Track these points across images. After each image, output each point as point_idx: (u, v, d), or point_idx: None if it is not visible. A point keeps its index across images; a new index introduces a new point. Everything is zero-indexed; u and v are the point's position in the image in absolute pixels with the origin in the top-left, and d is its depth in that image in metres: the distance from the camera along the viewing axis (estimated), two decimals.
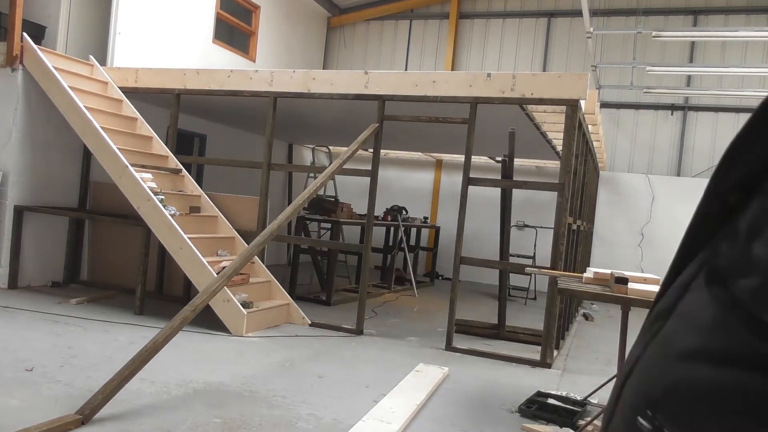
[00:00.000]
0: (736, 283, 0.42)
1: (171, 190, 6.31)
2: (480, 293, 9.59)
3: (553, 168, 10.23)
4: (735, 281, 0.42)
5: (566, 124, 5.35)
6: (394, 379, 4.32)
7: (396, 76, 6.04)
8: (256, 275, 6.17)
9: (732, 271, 0.43)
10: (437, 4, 12.14)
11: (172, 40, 8.39)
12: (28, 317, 5.21)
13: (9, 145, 6.30)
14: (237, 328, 5.32)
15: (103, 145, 5.92)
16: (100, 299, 6.26)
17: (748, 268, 0.41)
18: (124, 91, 6.90)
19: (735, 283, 0.42)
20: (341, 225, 8.38)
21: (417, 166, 12.03)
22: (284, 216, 4.84)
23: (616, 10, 10.71)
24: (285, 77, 6.32)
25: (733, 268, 0.43)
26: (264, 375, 4.27)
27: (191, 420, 3.27)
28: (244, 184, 9.08)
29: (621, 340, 3.52)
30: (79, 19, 7.42)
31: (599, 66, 9.69)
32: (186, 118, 8.05)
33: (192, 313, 3.87)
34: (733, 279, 0.42)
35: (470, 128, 5.56)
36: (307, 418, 3.47)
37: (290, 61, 11.32)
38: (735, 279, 0.42)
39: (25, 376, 3.73)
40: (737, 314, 0.40)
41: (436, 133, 7.79)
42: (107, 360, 4.17)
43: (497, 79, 5.50)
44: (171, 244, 5.62)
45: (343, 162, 5.50)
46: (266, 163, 6.36)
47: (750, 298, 0.39)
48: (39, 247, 6.60)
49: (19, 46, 6.26)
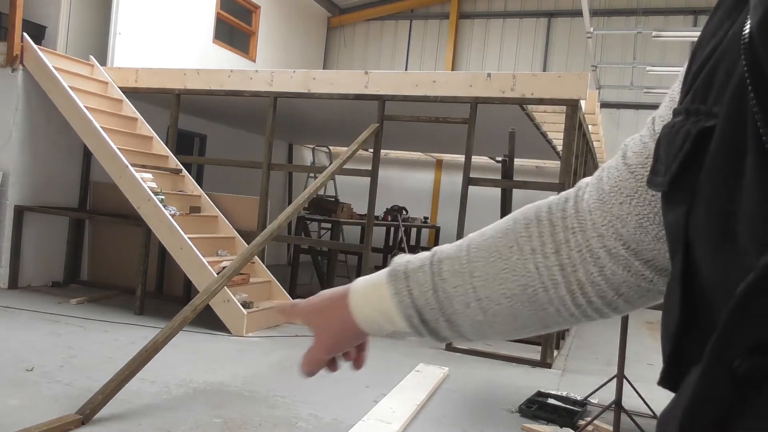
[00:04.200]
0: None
1: (171, 190, 6.31)
2: None
3: (554, 168, 10.22)
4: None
5: (566, 124, 5.35)
6: (394, 379, 4.32)
7: (396, 76, 6.04)
8: (256, 275, 6.17)
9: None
10: (437, 4, 12.14)
11: (172, 40, 8.39)
12: (28, 317, 5.21)
13: (9, 145, 6.30)
14: (237, 328, 5.32)
15: (103, 145, 5.92)
16: (100, 299, 6.26)
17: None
18: (124, 91, 6.90)
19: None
20: (341, 225, 8.38)
21: (417, 166, 12.03)
22: (284, 216, 4.84)
23: (616, 10, 10.72)
24: (285, 77, 6.32)
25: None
26: (264, 375, 4.27)
27: (191, 420, 3.27)
28: (244, 184, 9.08)
29: (621, 340, 3.52)
30: (79, 19, 7.42)
31: (599, 66, 9.69)
32: (186, 118, 8.04)
33: (192, 313, 3.87)
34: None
35: (470, 128, 5.56)
36: (307, 418, 3.47)
37: (290, 61, 11.32)
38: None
39: (25, 376, 3.73)
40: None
41: (436, 133, 7.79)
42: (107, 360, 4.17)
43: (497, 79, 5.50)
44: (171, 244, 5.62)
45: (343, 162, 5.50)
46: (266, 163, 6.36)
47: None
48: (39, 247, 6.60)
49: (20, 46, 6.26)
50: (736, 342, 0.31)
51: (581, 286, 0.60)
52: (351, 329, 0.73)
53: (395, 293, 0.68)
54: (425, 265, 0.68)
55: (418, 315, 0.67)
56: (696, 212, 0.39)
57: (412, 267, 0.68)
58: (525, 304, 0.63)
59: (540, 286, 0.61)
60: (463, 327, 0.66)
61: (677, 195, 0.42)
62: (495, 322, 0.65)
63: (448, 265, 0.66)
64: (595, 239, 0.59)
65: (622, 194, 0.57)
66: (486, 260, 0.64)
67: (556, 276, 0.61)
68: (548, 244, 0.62)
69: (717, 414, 0.33)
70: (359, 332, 0.73)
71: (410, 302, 0.67)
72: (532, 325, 0.65)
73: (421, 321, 0.68)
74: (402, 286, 0.68)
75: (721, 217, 0.36)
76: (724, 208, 0.36)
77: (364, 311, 0.71)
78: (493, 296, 0.63)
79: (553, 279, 0.61)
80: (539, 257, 0.62)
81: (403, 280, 0.68)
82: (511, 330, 0.66)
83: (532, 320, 0.64)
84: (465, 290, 0.64)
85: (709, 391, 0.33)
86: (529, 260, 0.62)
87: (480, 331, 0.67)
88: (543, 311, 0.63)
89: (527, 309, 0.63)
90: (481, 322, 0.65)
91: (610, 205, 0.58)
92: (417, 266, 0.68)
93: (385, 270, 0.71)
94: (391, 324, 0.70)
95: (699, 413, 0.34)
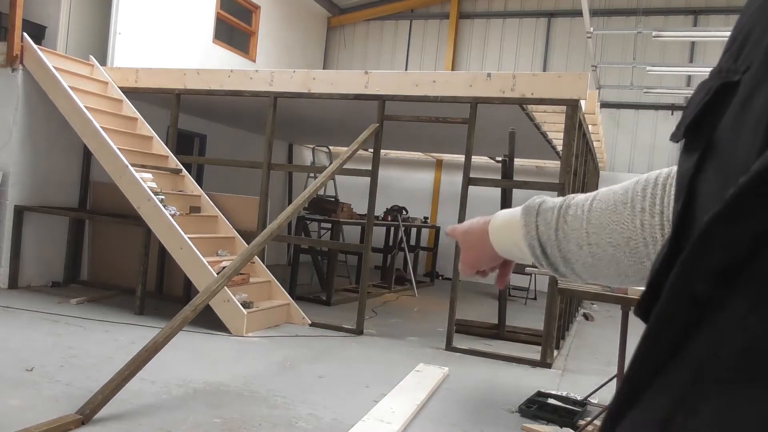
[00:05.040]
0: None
1: (171, 190, 6.31)
2: (480, 293, 9.59)
3: (553, 168, 10.22)
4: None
5: (566, 124, 5.35)
6: (394, 379, 4.32)
7: (396, 76, 6.04)
8: (256, 275, 6.17)
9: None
10: (437, 4, 12.14)
11: (172, 40, 8.39)
12: (29, 317, 5.21)
13: (9, 145, 6.30)
14: (237, 328, 5.32)
15: (103, 145, 5.92)
16: (100, 299, 6.26)
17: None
18: (124, 91, 6.90)
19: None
20: (341, 225, 8.38)
21: (417, 166, 12.03)
22: (284, 216, 4.84)
23: (616, 10, 10.71)
24: (285, 77, 6.32)
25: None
26: (264, 375, 4.27)
27: (191, 420, 3.27)
28: (244, 184, 9.08)
29: (621, 340, 3.52)
30: (79, 19, 7.42)
31: (599, 66, 9.69)
32: (186, 118, 8.05)
33: (192, 313, 3.87)
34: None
35: (470, 128, 5.56)
36: (307, 418, 3.47)
37: (290, 61, 11.32)
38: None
39: (25, 376, 3.73)
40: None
41: (436, 133, 7.79)
42: (107, 360, 4.17)
43: (497, 79, 5.50)
44: (171, 244, 5.62)
45: (343, 162, 5.50)
46: (266, 163, 6.36)
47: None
48: (39, 247, 6.60)
49: (20, 46, 6.26)
50: (700, 267, 0.33)
51: None
52: (489, 252, 0.86)
53: (525, 225, 0.80)
54: (555, 207, 0.78)
55: (540, 247, 0.78)
56: (706, 164, 0.40)
57: (545, 207, 0.79)
58: (627, 255, 0.71)
59: (641, 241, 0.69)
60: (576, 265, 0.77)
61: (692, 144, 0.43)
62: (601, 266, 0.74)
63: (573, 210, 0.76)
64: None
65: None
66: (603, 211, 0.73)
67: (656, 234, 0.69)
68: (656, 206, 0.69)
69: (676, 333, 0.35)
70: (496, 255, 0.86)
71: (535, 235, 0.79)
72: (633, 275, 0.73)
73: (542, 253, 0.79)
74: (531, 220, 0.79)
75: (725, 171, 0.37)
76: (730, 161, 0.37)
77: (500, 238, 0.84)
78: (601, 243, 0.72)
79: (654, 237, 0.69)
80: (647, 215, 0.69)
81: (534, 216, 0.80)
82: (614, 276, 0.75)
83: (633, 270, 0.72)
84: (580, 234, 0.74)
85: (671, 312, 0.35)
86: (637, 217, 0.70)
87: (590, 272, 0.77)
88: (641, 264, 0.70)
89: (628, 259, 0.71)
90: (590, 264, 0.75)
91: None
92: (549, 206, 0.79)
93: (522, 206, 0.82)
94: (519, 251, 0.82)
95: (659, 333, 0.36)
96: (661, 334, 0.36)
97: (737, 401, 0.30)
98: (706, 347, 0.33)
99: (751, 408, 0.29)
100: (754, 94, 0.36)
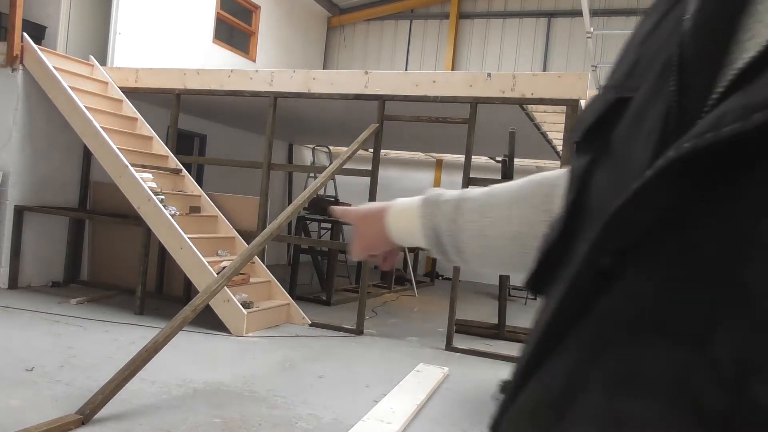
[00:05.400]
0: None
1: (171, 190, 6.31)
2: (480, 293, 9.59)
3: (553, 168, 10.20)
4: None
5: (566, 124, 5.35)
6: (394, 379, 4.32)
7: (396, 76, 6.04)
8: (256, 275, 6.17)
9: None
10: (437, 4, 12.14)
11: (172, 40, 8.39)
12: (28, 317, 5.21)
13: (9, 145, 6.30)
14: (237, 328, 5.32)
15: (103, 145, 5.92)
16: (100, 299, 6.26)
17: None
18: (124, 91, 6.90)
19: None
20: (341, 225, 8.38)
21: (417, 166, 12.03)
22: (284, 216, 4.84)
23: (616, 10, 10.71)
24: (285, 77, 6.32)
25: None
26: (264, 375, 4.27)
27: (191, 420, 3.27)
28: (244, 184, 9.08)
29: None
30: (79, 19, 7.42)
31: (599, 66, 9.69)
32: (186, 118, 8.04)
33: (192, 313, 3.87)
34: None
35: (470, 128, 5.56)
36: (307, 418, 3.47)
37: (290, 61, 11.32)
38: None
39: (25, 376, 3.73)
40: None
41: (436, 133, 7.79)
42: (107, 360, 4.17)
43: (497, 79, 5.50)
44: (171, 244, 5.62)
45: (343, 162, 5.50)
46: (266, 163, 6.36)
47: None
48: (39, 247, 6.60)
49: (20, 46, 6.26)
50: (606, 245, 0.39)
51: None
52: (385, 237, 0.90)
53: (423, 215, 0.84)
54: (454, 199, 0.83)
55: (436, 237, 0.83)
56: (600, 163, 0.48)
57: (443, 199, 0.84)
58: (517, 248, 0.77)
59: (532, 236, 0.74)
60: (467, 255, 0.82)
61: (587, 146, 0.50)
62: (491, 256, 0.80)
63: (470, 204, 0.81)
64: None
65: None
66: (498, 206, 0.79)
67: (544, 230, 0.72)
68: (546, 203, 0.74)
69: (583, 298, 0.41)
70: (389, 241, 0.90)
71: (433, 225, 0.83)
72: (519, 265, 0.78)
73: (437, 242, 0.83)
74: (430, 211, 0.84)
75: (619, 170, 0.44)
76: (624, 163, 0.44)
77: (398, 225, 0.87)
78: (494, 235, 0.78)
79: (542, 232, 0.72)
80: (537, 212, 0.75)
81: (433, 207, 0.84)
82: (501, 265, 0.82)
83: (519, 261, 0.78)
84: (475, 226, 0.79)
85: (578, 284, 0.41)
86: (529, 213, 0.76)
87: (480, 261, 0.83)
88: (527, 256, 0.75)
89: (517, 251, 0.77)
90: (481, 254, 0.81)
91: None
92: (447, 198, 0.83)
93: (421, 196, 0.86)
94: (415, 239, 0.86)
95: (567, 305, 0.42)
96: (572, 299, 0.41)
97: (637, 349, 0.37)
98: (608, 307, 0.40)
99: (649, 352, 0.36)
100: (646, 109, 0.43)
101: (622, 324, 0.38)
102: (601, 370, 0.39)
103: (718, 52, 0.38)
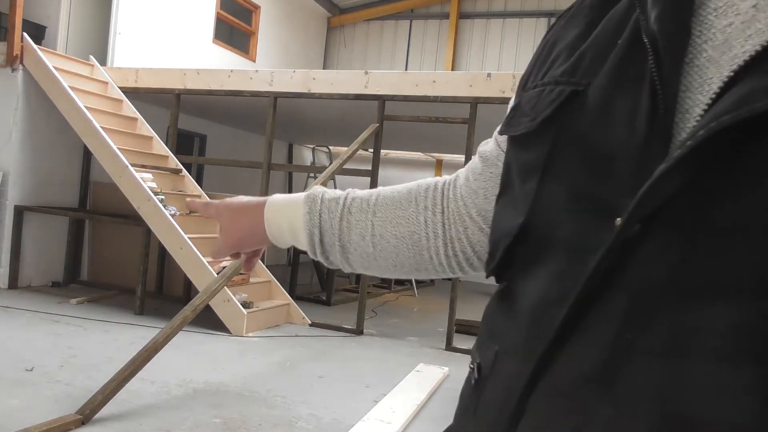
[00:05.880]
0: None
1: (171, 190, 6.31)
2: (480, 293, 9.59)
3: None
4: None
5: None
6: (394, 379, 4.32)
7: (396, 76, 6.04)
8: (256, 275, 6.17)
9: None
10: (437, 4, 12.14)
11: (172, 40, 8.39)
12: (29, 317, 5.21)
13: (9, 145, 6.30)
14: (237, 328, 5.32)
15: (103, 145, 5.92)
16: (100, 299, 6.26)
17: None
18: (124, 91, 6.90)
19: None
20: None
21: (417, 166, 12.03)
22: None
23: None
24: (285, 77, 6.32)
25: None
26: (264, 375, 4.27)
27: (191, 420, 3.27)
28: (244, 184, 9.08)
29: None
30: (79, 19, 7.42)
31: None
32: (186, 118, 8.04)
33: (192, 313, 3.87)
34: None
35: (470, 128, 5.56)
36: (307, 418, 3.47)
37: (290, 61, 11.32)
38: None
39: (25, 376, 3.73)
40: None
41: (436, 133, 7.79)
42: (107, 360, 4.17)
43: (497, 79, 5.50)
44: (171, 244, 5.62)
45: (343, 162, 5.50)
46: (266, 163, 6.36)
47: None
48: (39, 247, 6.60)
49: (19, 46, 6.26)
50: (641, 212, 0.42)
51: (452, 241, 0.77)
52: (258, 234, 0.85)
53: (308, 212, 0.81)
54: (340, 198, 0.81)
55: (320, 235, 0.81)
56: (562, 150, 0.51)
57: (328, 197, 0.82)
58: (409, 246, 0.78)
59: (424, 235, 0.77)
60: (352, 255, 0.81)
61: (543, 135, 0.53)
62: (379, 257, 0.80)
63: (357, 203, 0.81)
64: (462, 207, 0.77)
65: (476, 173, 0.76)
66: (388, 206, 0.79)
67: (438, 229, 0.78)
68: (438, 206, 0.78)
69: (604, 276, 0.44)
70: (263, 239, 0.85)
71: (318, 223, 0.81)
72: (408, 265, 0.80)
73: (320, 241, 0.81)
74: (315, 208, 0.81)
75: (593, 154, 0.48)
76: (598, 148, 0.48)
77: (277, 221, 0.83)
78: (385, 235, 0.78)
79: (435, 231, 0.77)
80: (429, 213, 0.78)
81: (318, 204, 0.81)
82: (391, 266, 0.80)
83: (409, 261, 0.79)
84: (365, 225, 0.79)
85: (607, 257, 0.44)
86: (421, 213, 0.78)
87: (366, 262, 0.81)
88: (420, 256, 0.78)
89: (409, 250, 0.78)
90: (368, 254, 0.79)
91: (470, 182, 0.76)
92: (332, 197, 0.82)
93: (304, 193, 0.84)
94: (293, 238, 0.83)
95: (594, 279, 0.44)
96: (598, 273, 0.44)
97: (691, 313, 0.39)
98: (639, 278, 0.42)
99: (707, 314, 0.38)
100: (612, 101, 0.47)
101: (664, 291, 0.40)
102: (651, 338, 0.40)
103: (682, 45, 0.44)
